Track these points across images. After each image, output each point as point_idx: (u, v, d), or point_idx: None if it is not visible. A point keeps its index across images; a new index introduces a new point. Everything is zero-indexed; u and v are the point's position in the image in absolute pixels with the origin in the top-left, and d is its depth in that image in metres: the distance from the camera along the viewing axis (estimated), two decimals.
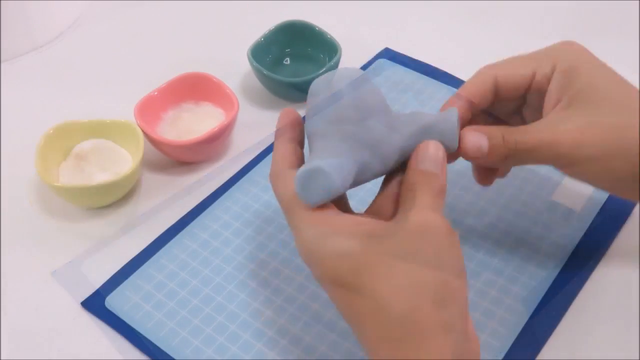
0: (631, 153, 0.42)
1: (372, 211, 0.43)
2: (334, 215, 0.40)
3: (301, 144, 0.45)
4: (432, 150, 0.41)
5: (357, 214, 0.43)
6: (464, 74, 0.63)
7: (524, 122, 0.49)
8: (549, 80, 0.45)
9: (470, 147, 0.43)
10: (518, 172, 0.57)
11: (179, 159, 0.59)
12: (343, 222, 0.39)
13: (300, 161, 0.44)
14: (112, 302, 0.50)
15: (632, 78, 0.55)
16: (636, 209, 0.55)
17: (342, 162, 0.40)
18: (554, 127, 0.42)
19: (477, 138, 0.43)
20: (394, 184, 0.43)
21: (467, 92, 0.46)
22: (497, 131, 0.44)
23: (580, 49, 0.46)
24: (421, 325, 0.36)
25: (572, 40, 0.47)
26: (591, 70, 0.44)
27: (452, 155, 0.44)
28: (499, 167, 0.49)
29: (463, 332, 0.37)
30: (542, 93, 0.46)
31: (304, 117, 0.45)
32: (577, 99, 0.43)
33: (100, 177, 0.56)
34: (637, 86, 0.50)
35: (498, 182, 0.56)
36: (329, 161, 0.39)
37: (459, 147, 0.43)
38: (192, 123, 0.60)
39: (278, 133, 0.44)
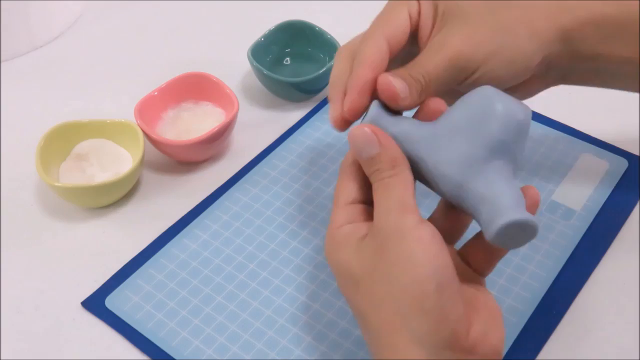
0: (513, 46, 0.44)
1: None
2: (339, 227, 0.41)
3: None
4: (363, 135, 0.40)
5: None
6: None
7: None
8: (417, 11, 0.46)
9: (398, 90, 0.42)
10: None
11: (179, 159, 0.59)
12: (343, 233, 0.40)
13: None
14: (112, 302, 0.50)
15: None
16: (636, 209, 0.55)
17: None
18: (445, 45, 0.43)
19: (399, 82, 0.42)
20: None
21: (372, 65, 0.44)
22: (403, 73, 0.42)
23: None
24: (391, 339, 0.37)
25: None
26: None
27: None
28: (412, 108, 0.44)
29: (442, 345, 0.36)
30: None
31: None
32: (445, 18, 0.44)
33: (101, 177, 0.56)
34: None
35: None
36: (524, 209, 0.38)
37: (384, 93, 0.42)
38: (192, 123, 0.60)
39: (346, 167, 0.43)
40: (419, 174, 0.41)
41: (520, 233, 0.37)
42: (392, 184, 0.39)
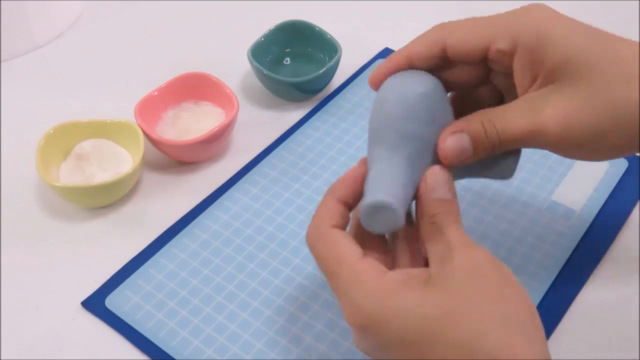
0: (628, 128, 0.37)
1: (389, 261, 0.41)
2: (382, 274, 0.37)
3: (351, 207, 0.41)
4: (442, 176, 0.39)
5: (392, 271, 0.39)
6: None
7: (494, 91, 0.44)
8: (508, 55, 0.39)
9: (453, 152, 0.39)
10: (518, 172, 0.57)
11: (179, 159, 0.59)
12: (395, 278, 0.37)
13: (345, 224, 0.40)
14: (112, 302, 0.50)
15: None
16: (636, 209, 0.55)
17: (407, 193, 0.39)
18: (536, 111, 0.38)
19: (458, 140, 0.39)
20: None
21: (410, 52, 0.42)
22: (476, 121, 0.39)
23: (545, 14, 0.39)
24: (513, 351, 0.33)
25: (537, 3, 0.40)
26: (565, 39, 0.37)
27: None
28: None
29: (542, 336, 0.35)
30: (503, 66, 0.40)
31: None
32: (554, 75, 0.38)
33: (101, 177, 0.56)
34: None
35: (498, 182, 0.56)
36: (395, 193, 0.38)
37: (440, 154, 0.40)
38: (192, 123, 0.60)
39: (331, 189, 0.41)
40: None
41: (383, 217, 0.38)
42: (443, 226, 0.38)
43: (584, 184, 0.56)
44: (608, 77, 0.37)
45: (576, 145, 0.38)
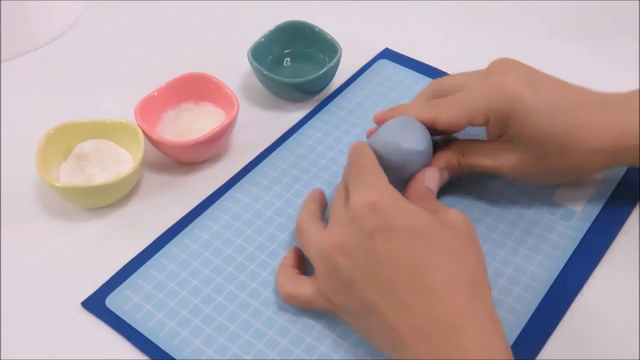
0: (559, 176, 0.54)
1: None
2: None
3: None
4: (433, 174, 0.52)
5: None
6: None
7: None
8: (483, 124, 0.52)
9: (437, 181, 0.52)
10: None
11: (179, 159, 0.59)
12: None
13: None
14: (112, 302, 0.50)
15: (632, 78, 0.56)
16: (636, 209, 0.55)
17: None
18: (496, 158, 0.52)
19: (441, 174, 0.53)
20: None
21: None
22: (454, 157, 0.53)
23: (516, 89, 0.50)
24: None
25: (510, 72, 0.51)
26: (523, 120, 0.50)
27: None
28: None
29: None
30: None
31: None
32: (512, 139, 0.51)
33: (101, 177, 0.56)
34: (638, 87, 0.50)
35: (499, 184, 0.56)
36: None
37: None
38: (192, 123, 0.60)
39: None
40: None
41: None
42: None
43: (585, 184, 0.56)
44: (546, 149, 0.50)
45: (522, 181, 0.54)
